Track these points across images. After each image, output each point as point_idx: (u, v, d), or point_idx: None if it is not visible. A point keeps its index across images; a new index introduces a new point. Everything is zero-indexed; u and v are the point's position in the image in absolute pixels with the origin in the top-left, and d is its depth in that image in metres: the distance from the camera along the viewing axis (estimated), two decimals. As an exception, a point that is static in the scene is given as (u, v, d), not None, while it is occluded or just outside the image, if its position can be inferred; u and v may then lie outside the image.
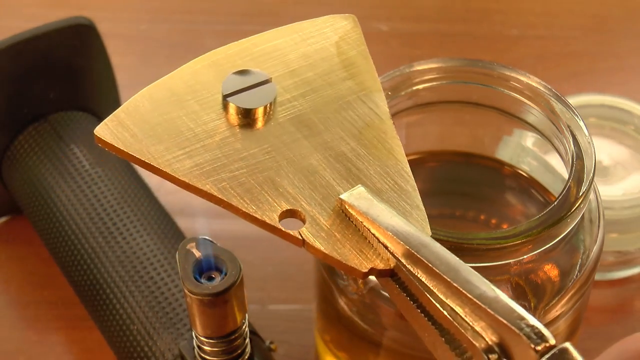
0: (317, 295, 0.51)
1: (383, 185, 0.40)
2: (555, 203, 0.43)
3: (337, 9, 0.72)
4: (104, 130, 0.39)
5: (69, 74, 0.58)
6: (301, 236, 0.38)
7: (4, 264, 0.60)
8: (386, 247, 0.37)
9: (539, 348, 0.33)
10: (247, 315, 0.44)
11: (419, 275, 0.36)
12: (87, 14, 0.58)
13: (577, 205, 0.43)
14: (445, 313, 0.35)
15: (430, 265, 0.36)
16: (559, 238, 0.43)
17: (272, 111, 0.41)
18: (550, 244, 0.43)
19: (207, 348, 0.44)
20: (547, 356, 0.33)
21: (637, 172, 0.58)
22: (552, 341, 0.33)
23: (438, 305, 0.36)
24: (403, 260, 0.37)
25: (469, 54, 0.70)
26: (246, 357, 0.45)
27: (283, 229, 0.38)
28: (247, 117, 0.40)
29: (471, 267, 0.43)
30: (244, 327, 0.44)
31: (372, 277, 0.45)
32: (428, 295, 0.36)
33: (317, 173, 0.40)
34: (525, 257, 0.43)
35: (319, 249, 0.38)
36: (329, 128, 0.41)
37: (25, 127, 0.58)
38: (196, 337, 0.44)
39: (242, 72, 0.41)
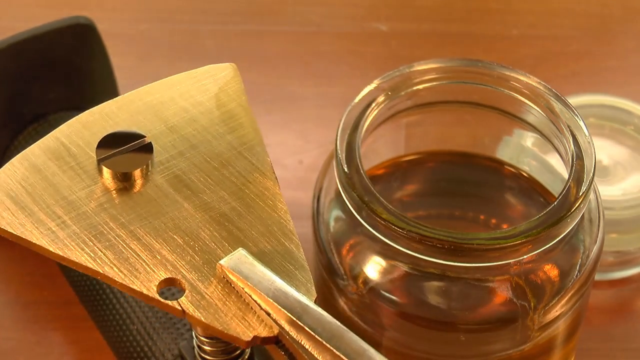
0: (317, 295, 0.51)
1: (266, 246, 0.39)
2: (555, 203, 0.43)
3: (337, 9, 0.72)
4: None
5: (68, 74, 0.58)
6: (180, 306, 0.37)
7: (4, 264, 0.60)
8: (268, 314, 0.37)
9: None
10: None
11: (303, 343, 0.36)
12: (87, 14, 0.58)
13: (577, 205, 0.43)
14: None
15: (312, 333, 0.35)
16: (559, 238, 0.43)
17: (150, 172, 0.40)
18: (550, 244, 0.43)
19: (207, 348, 0.44)
20: None
21: (637, 172, 0.58)
22: None
23: None
24: (286, 328, 0.36)
25: (469, 54, 0.70)
26: (246, 357, 0.45)
27: (162, 300, 0.37)
28: (124, 180, 0.40)
29: (471, 267, 0.43)
30: (243, 327, 0.44)
31: (372, 277, 0.45)
32: None
33: (198, 237, 0.39)
34: (525, 257, 0.43)
35: (199, 319, 0.37)
36: (210, 187, 0.40)
37: (25, 127, 0.58)
38: (196, 337, 0.44)
39: (118, 133, 0.40)
